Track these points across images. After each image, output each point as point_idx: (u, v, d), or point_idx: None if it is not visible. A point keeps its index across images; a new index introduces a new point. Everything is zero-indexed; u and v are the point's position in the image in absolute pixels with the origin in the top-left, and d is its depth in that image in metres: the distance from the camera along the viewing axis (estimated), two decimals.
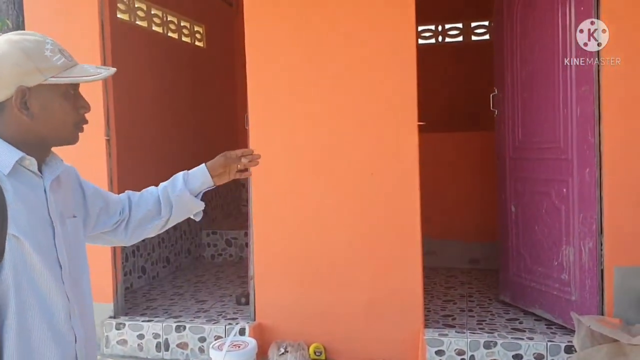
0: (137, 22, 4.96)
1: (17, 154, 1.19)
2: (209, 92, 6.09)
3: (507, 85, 3.92)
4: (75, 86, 1.27)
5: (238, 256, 5.78)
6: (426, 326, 3.53)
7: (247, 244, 5.52)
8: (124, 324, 3.79)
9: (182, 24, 5.68)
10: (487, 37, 6.01)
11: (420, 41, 5.96)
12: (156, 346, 3.74)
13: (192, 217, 1.68)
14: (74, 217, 1.37)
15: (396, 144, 3.49)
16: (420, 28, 5.89)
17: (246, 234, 5.55)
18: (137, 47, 4.87)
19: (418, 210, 3.46)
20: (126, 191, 1.62)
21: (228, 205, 6.56)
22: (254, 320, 3.73)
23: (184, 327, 3.71)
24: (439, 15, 6.00)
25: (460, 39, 6.11)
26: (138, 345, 3.76)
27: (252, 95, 3.67)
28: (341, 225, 3.59)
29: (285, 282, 3.69)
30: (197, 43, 5.99)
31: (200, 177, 1.62)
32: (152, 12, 5.18)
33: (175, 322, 3.77)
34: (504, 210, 4.04)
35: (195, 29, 5.96)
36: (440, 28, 6.15)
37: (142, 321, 3.79)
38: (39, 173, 1.26)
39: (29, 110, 1.21)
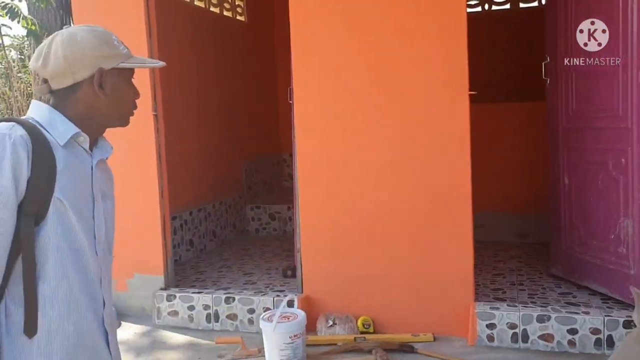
0: None
1: (74, 129, 1.32)
2: (251, 66, 6.07)
3: (559, 52, 3.76)
4: (133, 74, 1.43)
5: (282, 230, 5.81)
6: (476, 299, 3.47)
7: (290, 218, 5.55)
8: (175, 296, 3.86)
9: None
10: (535, 3, 5.79)
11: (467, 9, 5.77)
12: (206, 317, 3.80)
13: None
14: (113, 199, 1.49)
15: (447, 113, 3.41)
16: None
17: (289, 209, 5.57)
18: (180, 22, 4.87)
19: (469, 182, 3.38)
20: None
21: (270, 180, 6.59)
22: (302, 292, 3.74)
23: (233, 299, 3.76)
24: None
25: (507, 6, 5.90)
26: (189, 316, 3.83)
27: (296, 67, 3.63)
28: (389, 197, 3.55)
29: (332, 255, 3.68)
30: (238, 17, 5.96)
31: None
32: None
33: (224, 293, 3.82)
34: (556, 182, 3.92)
35: (237, 3, 5.93)
36: None
37: (192, 293, 3.86)
38: (89, 151, 1.38)
39: (104, 90, 1.35)
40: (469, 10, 5.88)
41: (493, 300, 3.54)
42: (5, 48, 8.16)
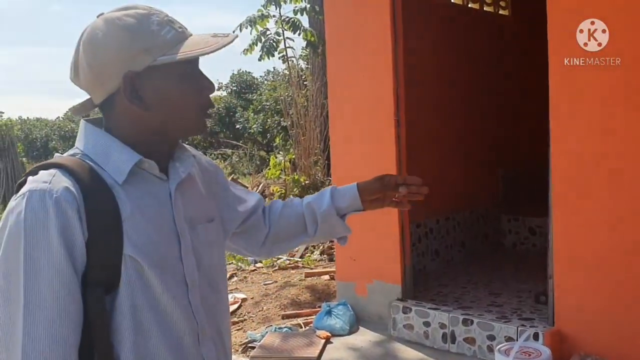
0: None
1: (133, 157, 1.01)
2: (515, 64, 5.53)
3: None
4: (193, 63, 1.06)
5: (543, 247, 5.14)
6: None
7: None
8: (411, 309, 3.69)
9: None
10: None
11: None
12: (442, 337, 3.54)
13: (336, 240, 1.43)
14: (210, 221, 1.16)
15: None
16: None
17: None
18: (432, 21, 4.67)
19: None
20: (272, 200, 1.43)
21: (532, 187, 5.92)
22: (552, 325, 3.21)
23: (472, 322, 3.42)
24: None
25: None
26: (424, 332, 3.62)
27: (552, 64, 3.10)
28: None
29: (593, 285, 3.06)
30: (500, 11, 5.50)
31: (349, 197, 1.35)
32: None
33: (462, 314, 3.51)
34: None
35: None
36: None
37: (429, 308, 3.64)
38: (162, 175, 1.07)
39: (142, 101, 1.01)
40: None
41: None
42: (290, 59, 9.05)
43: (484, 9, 5.29)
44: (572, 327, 3.14)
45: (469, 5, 5.12)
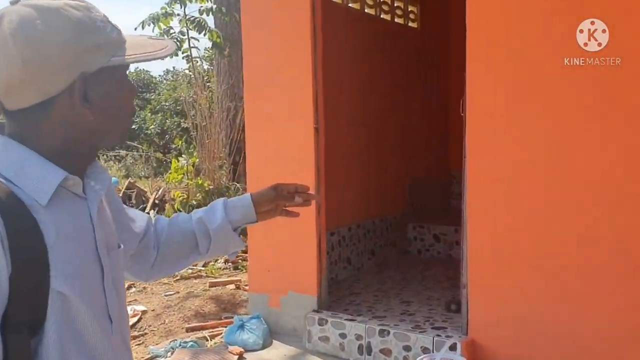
0: (350, 5, 4.77)
1: (58, 174, 0.87)
2: (421, 75, 5.69)
3: None
4: (128, 67, 0.97)
5: (446, 254, 5.33)
6: None
7: (457, 242, 5.05)
8: (327, 320, 3.62)
9: (395, 4, 5.36)
10: None
11: None
12: (358, 348, 3.50)
13: (227, 255, 1.38)
14: (119, 246, 1.02)
15: None
16: None
17: (456, 231, 5.07)
18: (348, 29, 4.67)
19: None
20: (155, 217, 1.31)
21: (437, 197, 6.12)
22: (466, 335, 3.27)
23: (388, 332, 3.41)
24: None
25: None
26: (340, 344, 3.57)
27: (470, 77, 3.17)
28: (590, 227, 2.90)
29: (508, 294, 3.13)
30: (410, 24, 5.63)
31: (243, 210, 1.29)
32: None
33: (378, 325, 3.49)
34: None
35: (410, 9, 5.60)
36: None
37: (345, 320, 3.59)
38: (83, 195, 0.92)
39: (90, 104, 0.88)
40: None
41: None
42: (194, 60, 8.73)
43: (395, 20, 5.38)
44: (486, 336, 3.21)
45: (382, 16, 5.17)
